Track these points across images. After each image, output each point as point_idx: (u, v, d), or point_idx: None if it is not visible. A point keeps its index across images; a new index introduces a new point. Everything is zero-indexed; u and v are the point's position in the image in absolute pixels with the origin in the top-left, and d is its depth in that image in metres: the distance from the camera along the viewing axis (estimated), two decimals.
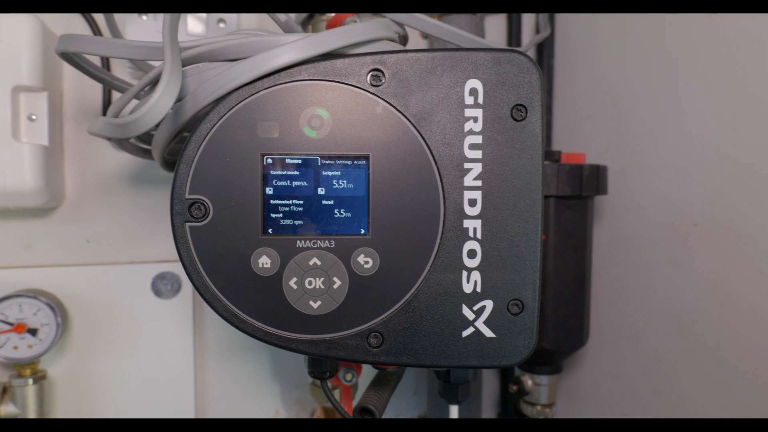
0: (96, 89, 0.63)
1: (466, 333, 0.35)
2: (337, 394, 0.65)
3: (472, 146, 0.34)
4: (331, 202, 0.35)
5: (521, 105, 0.34)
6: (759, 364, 0.52)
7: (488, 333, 0.35)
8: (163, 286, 0.66)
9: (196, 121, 0.34)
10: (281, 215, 0.34)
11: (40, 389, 0.57)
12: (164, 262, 0.67)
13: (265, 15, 0.70)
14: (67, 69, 0.62)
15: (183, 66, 0.35)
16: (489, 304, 0.35)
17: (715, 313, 0.56)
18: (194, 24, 0.64)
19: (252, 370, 0.71)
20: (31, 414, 0.56)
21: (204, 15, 0.64)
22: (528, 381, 0.64)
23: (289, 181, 0.34)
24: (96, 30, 0.62)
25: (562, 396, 0.76)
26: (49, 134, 0.57)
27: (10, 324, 0.55)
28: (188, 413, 0.66)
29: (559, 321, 0.59)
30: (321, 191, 0.35)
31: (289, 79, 0.34)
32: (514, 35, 0.80)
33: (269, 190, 0.34)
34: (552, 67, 0.79)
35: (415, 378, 0.80)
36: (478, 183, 0.35)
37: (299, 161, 0.34)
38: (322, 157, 0.34)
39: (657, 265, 0.63)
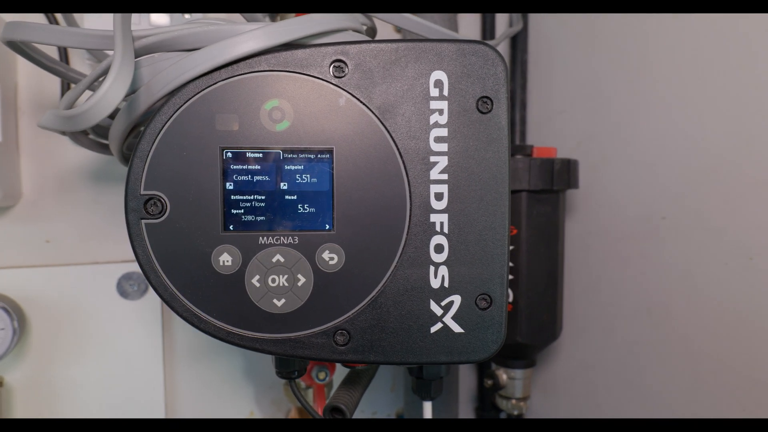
0: (54, 82, 0.61)
1: (434, 329, 0.34)
2: (311, 393, 0.64)
3: (438, 139, 0.34)
4: (294, 197, 0.34)
5: (487, 97, 0.34)
6: (726, 352, 0.53)
7: (456, 328, 0.35)
8: (129, 287, 0.64)
9: (152, 114, 0.33)
10: (242, 211, 0.33)
11: None
12: (130, 261, 0.65)
13: None
14: (22, 60, 0.59)
15: (137, 56, 0.34)
16: (457, 299, 0.34)
17: (684, 303, 0.57)
18: (157, 14, 0.62)
19: (225, 371, 0.70)
20: None
21: None
22: (503, 375, 0.64)
23: (250, 176, 0.33)
24: (51, 18, 0.60)
25: (536, 389, 0.76)
26: (2, 129, 0.54)
27: None
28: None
29: (533, 315, 0.59)
30: (283, 186, 0.34)
31: (249, 69, 0.33)
32: (488, 32, 0.80)
33: (229, 186, 0.33)
34: (526, 62, 0.79)
35: (392, 375, 0.79)
36: (444, 176, 0.34)
37: (260, 155, 0.33)
38: (284, 150, 0.33)
39: (628, 257, 0.64)
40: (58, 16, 0.59)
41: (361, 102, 0.33)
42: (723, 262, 0.53)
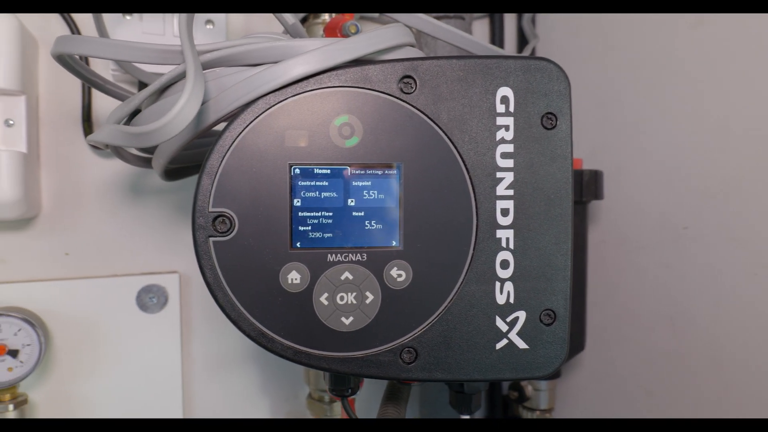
0: (74, 93, 0.59)
1: (499, 345, 0.34)
2: (334, 408, 0.64)
3: (504, 155, 0.34)
4: (362, 214, 0.33)
5: (551, 113, 0.34)
6: (754, 364, 0.54)
7: (521, 344, 0.35)
8: (148, 300, 0.63)
9: (217, 130, 0.32)
10: (310, 228, 0.33)
11: (20, 415, 0.53)
12: (150, 274, 0.63)
13: (251, 17, 0.67)
14: (44, 72, 0.58)
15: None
16: (522, 315, 0.34)
17: (709, 314, 0.58)
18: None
19: (242, 384, 0.69)
20: None
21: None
22: (528, 387, 0.64)
23: (318, 192, 0.33)
24: (75, 31, 0.58)
25: (558, 400, 0.76)
26: (27, 141, 0.53)
27: None
28: None
29: None
30: (351, 202, 0.33)
31: (318, 85, 0.32)
32: (497, 39, 0.81)
33: (297, 202, 0.33)
34: None
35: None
36: (510, 192, 0.34)
37: (328, 171, 0.33)
38: (352, 166, 0.33)
39: (648, 267, 0.65)
40: (82, 25, 0.58)
41: (428, 118, 0.33)
42: (752, 273, 0.54)
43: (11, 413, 0.52)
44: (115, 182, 0.62)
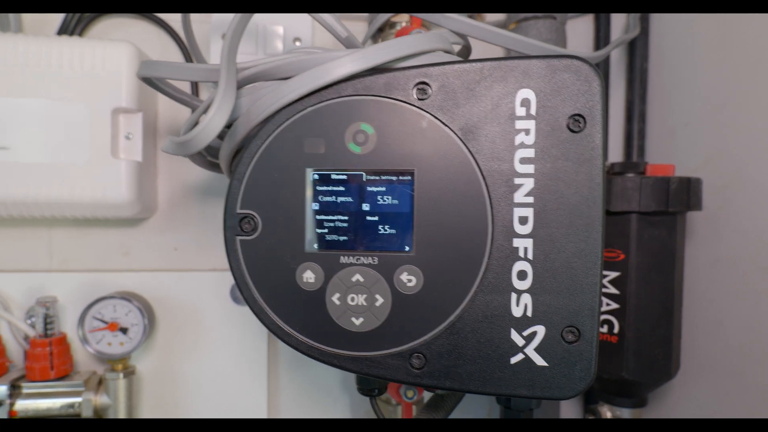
0: (186, 109, 0.68)
1: (514, 359, 0.33)
2: (399, 410, 0.64)
3: (524, 160, 0.32)
4: (376, 219, 0.34)
5: (579, 115, 0.32)
6: None
7: (540, 361, 0.32)
8: (240, 294, 0.70)
9: (249, 139, 0.36)
10: (326, 231, 0.35)
11: (129, 383, 0.62)
12: None
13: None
14: None
15: (240, 86, 0.37)
16: (541, 330, 0.32)
17: None
18: (274, 44, 0.67)
19: (323, 380, 0.73)
20: (121, 405, 0.62)
21: (281, 34, 0.67)
22: (606, 412, 0.59)
23: (334, 197, 0.34)
24: (187, 55, 0.68)
25: None
26: (144, 151, 0.62)
27: (106, 322, 0.61)
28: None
29: (642, 349, 0.54)
30: (365, 207, 0.34)
31: (336, 95, 0.34)
32: (602, 39, 0.75)
33: (315, 206, 0.35)
34: (646, 70, 0.73)
35: (489, 399, 0.76)
36: (530, 200, 0.32)
37: (344, 177, 0.34)
38: (367, 172, 0.34)
39: (766, 291, 0.55)
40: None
41: (443, 124, 0.33)
42: None
43: (121, 381, 0.61)
44: (217, 187, 0.71)
